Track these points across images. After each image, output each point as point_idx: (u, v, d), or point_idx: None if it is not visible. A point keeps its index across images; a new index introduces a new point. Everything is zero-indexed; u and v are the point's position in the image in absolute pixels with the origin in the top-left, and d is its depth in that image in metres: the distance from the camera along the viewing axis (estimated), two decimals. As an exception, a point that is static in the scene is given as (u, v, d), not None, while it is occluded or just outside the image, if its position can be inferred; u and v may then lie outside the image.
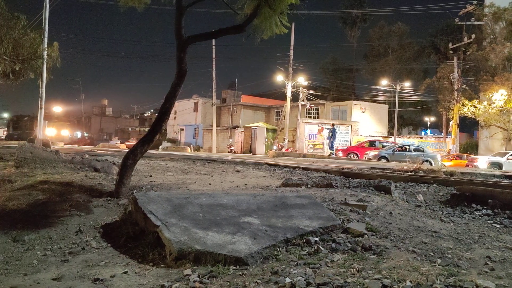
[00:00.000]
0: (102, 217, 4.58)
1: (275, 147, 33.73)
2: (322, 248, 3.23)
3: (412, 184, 7.24)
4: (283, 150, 31.49)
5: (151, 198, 4.21)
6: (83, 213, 4.66)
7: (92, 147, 35.40)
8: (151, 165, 9.42)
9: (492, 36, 31.77)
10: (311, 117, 37.00)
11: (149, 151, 7.10)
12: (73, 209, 4.72)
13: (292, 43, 31.68)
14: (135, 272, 2.96)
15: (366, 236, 3.56)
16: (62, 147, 26.19)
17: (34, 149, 8.80)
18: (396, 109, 37.43)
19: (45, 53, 13.43)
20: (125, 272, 2.95)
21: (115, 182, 5.70)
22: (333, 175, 8.66)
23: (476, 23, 31.44)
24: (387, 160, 20.56)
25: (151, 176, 7.64)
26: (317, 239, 3.43)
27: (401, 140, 32.02)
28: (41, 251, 3.61)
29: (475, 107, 29.45)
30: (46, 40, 15.41)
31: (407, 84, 38.95)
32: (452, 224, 4.49)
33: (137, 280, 2.78)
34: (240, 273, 2.72)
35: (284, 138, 33.60)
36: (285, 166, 10.98)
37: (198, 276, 2.68)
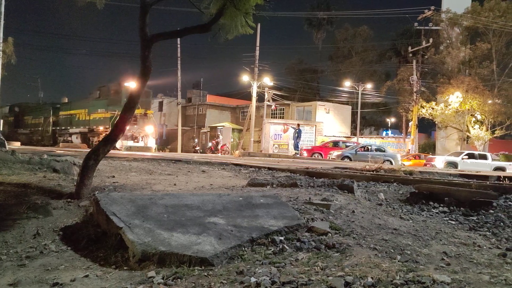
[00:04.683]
0: (62, 220, 4.42)
1: (210, 144, 33.61)
2: (287, 247, 3.27)
3: (373, 183, 7.43)
4: (219, 146, 31.53)
5: (114, 199, 4.11)
6: (41, 215, 4.48)
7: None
8: (114, 166, 9.18)
9: (448, 41, 33.25)
10: (276, 118, 37.31)
11: (112, 151, 6.91)
12: (31, 212, 4.52)
13: (257, 43, 31.85)
14: (96, 276, 2.88)
15: (330, 234, 3.63)
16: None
17: (-12, 149, 8.38)
18: (359, 110, 38.44)
19: (0, 48, 12.80)
20: (86, 276, 2.86)
21: (75, 183, 5.51)
22: (298, 174, 8.76)
23: (433, 28, 32.81)
24: (350, 159, 21.07)
25: (114, 176, 7.44)
26: (282, 238, 3.46)
27: (363, 140, 32.91)
28: (-5, 256, 3.45)
29: (433, 108, 30.74)
30: (1, 35, 14.67)
31: (369, 85, 40.05)
32: (411, 221, 4.65)
33: (99, 284, 2.71)
34: (206, 273, 2.71)
35: (219, 134, 33.64)
36: (251, 166, 11.01)
37: (162, 278, 2.64)
